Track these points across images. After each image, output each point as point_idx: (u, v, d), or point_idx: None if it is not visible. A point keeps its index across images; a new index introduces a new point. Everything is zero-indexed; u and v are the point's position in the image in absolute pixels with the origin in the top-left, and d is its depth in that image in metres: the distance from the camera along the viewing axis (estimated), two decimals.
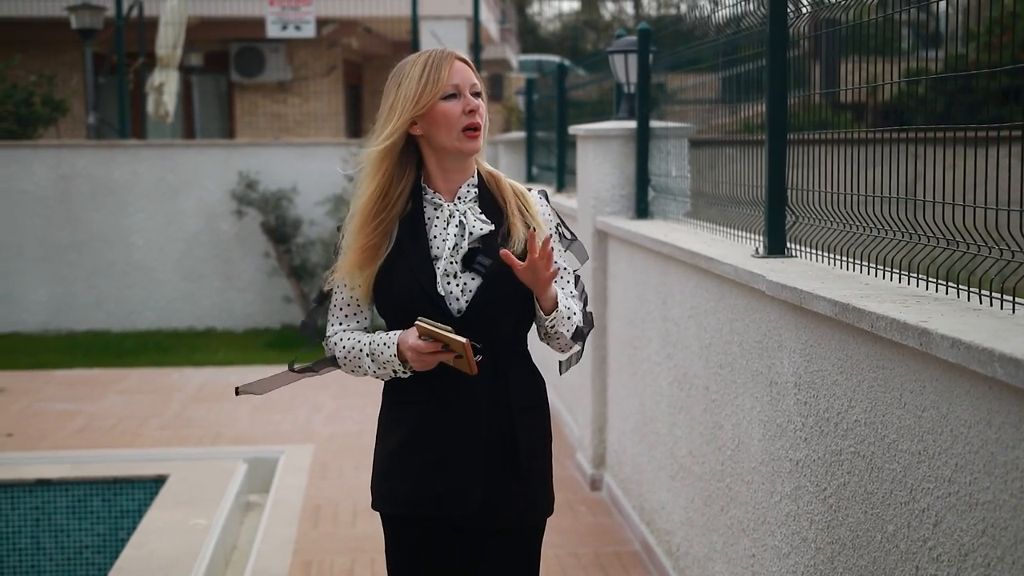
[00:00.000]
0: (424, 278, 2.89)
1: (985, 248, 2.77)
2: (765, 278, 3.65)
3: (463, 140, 2.90)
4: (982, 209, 2.82)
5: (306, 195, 12.25)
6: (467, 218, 2.93)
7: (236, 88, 19.11)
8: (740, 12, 4.92)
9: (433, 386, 2.91)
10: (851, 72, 4.11)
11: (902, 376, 2.78)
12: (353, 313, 3.03)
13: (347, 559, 5.62)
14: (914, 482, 2.73)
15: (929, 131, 3.26)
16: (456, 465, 2.90)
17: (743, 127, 6.86)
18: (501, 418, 2.92)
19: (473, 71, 2.96)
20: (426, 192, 2.96)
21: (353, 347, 2.98)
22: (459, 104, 2.89)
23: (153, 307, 12.39)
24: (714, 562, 4.47)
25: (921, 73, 4.23)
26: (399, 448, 2.95)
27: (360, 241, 2.89)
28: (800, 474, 3.49)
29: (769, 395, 3.77)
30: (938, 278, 3.05)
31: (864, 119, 4.92)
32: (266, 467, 7.24)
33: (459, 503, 2.91)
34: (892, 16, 3.80)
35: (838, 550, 3.21)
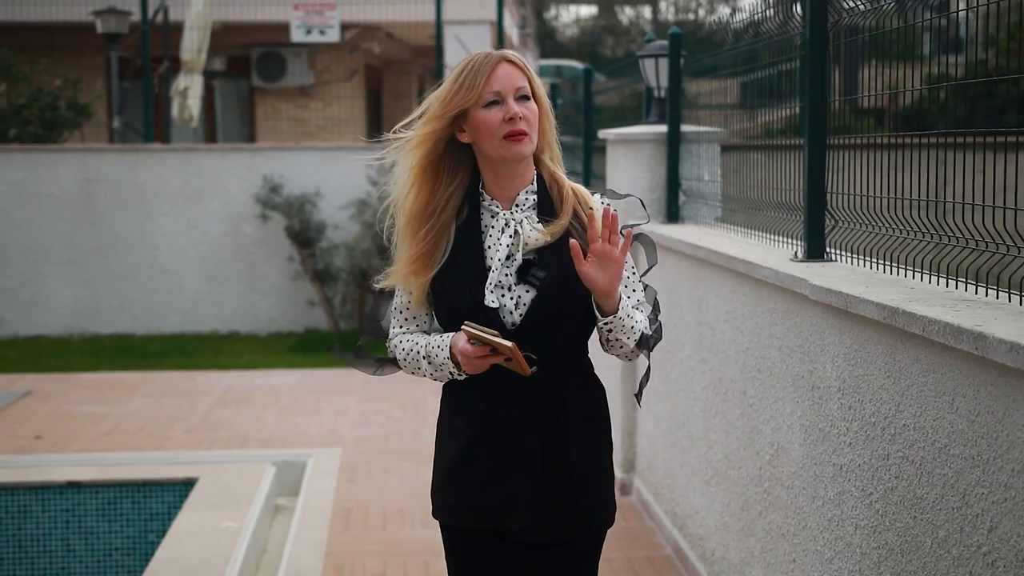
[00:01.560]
0: (476, 289, 2.83)
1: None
2: (808, 282, 3.64)
3: (506, 146, 2.82)
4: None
5: (330, 199, 12.26)
6: (523, 227, 2.86)
7: (258, 92, 19.15)
8: (782, 15, 4.90)
9: (489, 394, 2.86)
10: (872, 78, 4.11)
11: (954, 380, 2.77)
12: (413, 317, 2.99)
13: (379, 562, 5.62)
14: (967, 487, 2.72)
15: (969, 135, 3.25)
16: (509, 477, 2.86)
17: (763, 132, 6.87)
18: (558, 429, 2.86)
19: (523, 71, 2.86)
20: (483, 199, 2.90)
21: (411, 349, 2.95)
22: (500, 111, 2.81)
23: (177, 311, 12.42)
24: (751, 567, 4.45)
25: (942, 78, 4.23)
26: (456, 457, 2.91)
27: (411, 250, 2.85)
28: (844, 479, 3.48)
29: (811, 399, 3.76)
30: (988, 283, 3.03)
31: (885, 124, 4.90)
32: (294, 470, 7.24)
33: (511, 515, 2.87)
34: (913, 22, 3.81)
35: (885, 555, 3.19)
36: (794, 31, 4.77)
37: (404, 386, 9.73)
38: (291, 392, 9.54)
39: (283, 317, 12.49)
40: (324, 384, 9.86)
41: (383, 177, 12.99)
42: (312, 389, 9.65)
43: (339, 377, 10.16)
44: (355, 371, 9.93)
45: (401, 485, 6.91)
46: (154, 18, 13.99)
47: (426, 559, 5.64)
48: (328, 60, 19.08)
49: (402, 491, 6.78)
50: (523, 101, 2.83)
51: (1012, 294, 2.90)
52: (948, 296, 3.11)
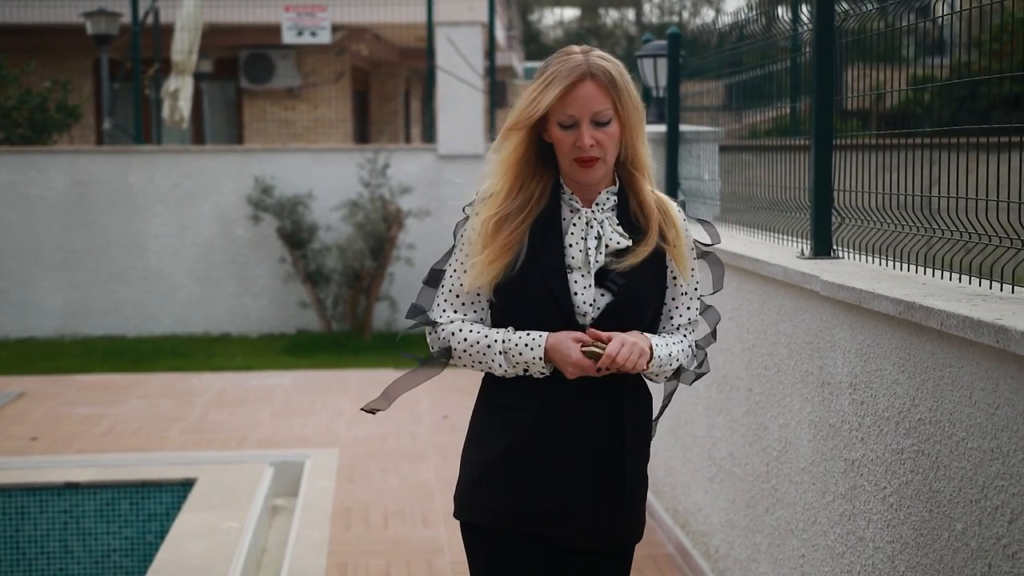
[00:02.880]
0: (557, 288, 2.75)
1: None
2: (819, 278, 3.66)
3: (575, 169, 2.75)
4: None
5: (322, 200, 12.26)
6: (604, 229, 2.78)
7: (245, 94, 19.13)
8: (790, 15, 4.94)
9: (547, 395, 2.78)
10: (856, 79, 4.17)
11: (972, 374, 2.79)
12: (471, 302, 2.84)
13: (382, 561, 5.63)
14: (986, 479, 2.74)
15: (961, 134, 3.30)
16: (567, 483, 2.78)
17: (761, 132, 6.93)
18: (614, 437, 2.80)
19: (607, 90, 2.71)
20: (564, 191, 2.81)
21: (480, 340, 2.79)
22: (572, 136, 2.71)
23: (169, 312, 12.40)
24: (758, 563, 4.48)
25: (926, 79, 4.29)
26: (498, 458, 2.80)
27: (499, 240, 2.73)
28: (856, 473, 3.50)
29: (821, 395, 3.78)
30: (1002, 279, 3.06)
31: (870, 125, 4.96)
32: (292, 471, 7.24)
33: (564, 522, 2.80)
34: (897, 25, 3.87)
35: (899, 549, 3.21)
36: (793, 32, 4.81)
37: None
38: (286, 393, 9.54)
39: (275, 319, 12.48)
40: (318, 385, 9.86)
41: (375, 179, 12.94)
42: (306, 390, 9.65)
43: (333, 378, 10.16)
44: (349, 372, 9.82)
45: (400, 485, 6.92)
46: (144, 19, 13.96)
47: (429, 558, 5.65)
48: (315, 62, 19.08)
49: (402, 491, 6.79)
50: (600, 126, 2.72)
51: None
52: (962, 291, 3.14)
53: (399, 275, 12.22)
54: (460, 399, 9.17)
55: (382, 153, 12.22)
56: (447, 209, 12.42)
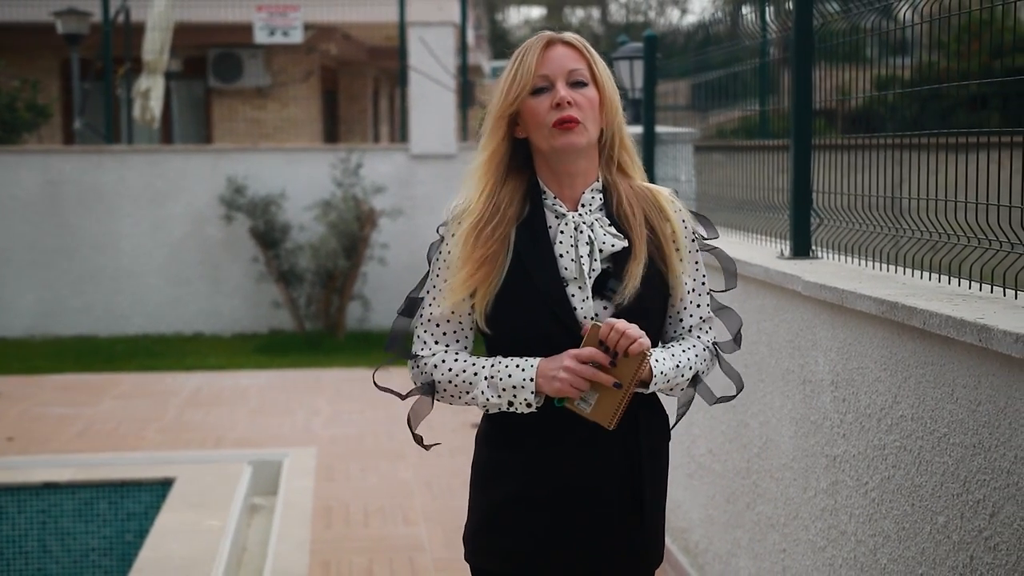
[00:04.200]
0: (557, 305, 2.51)
1: (1012, 247, 2.89)
2: (801, 278, 3.74)
3: (555, 136, 2.51)
4: (994, 207, 2.94)
5: (295, 200, 12.28)
6: (595, 232, 2.55)
7: (214, 94, 19.10)
8: (774, 16, 5.03)
9: (549, 430, 2.54)
10: (821, 80, 4.26)
11: (954, 371, 2.87)
12: (453, 331, 2.61)
13: (365, 559, 5.68)
14: (968, 474, 2.82)
15: (942, 136, 3.39)
16: (582, 520, 2.56)
17: (716, 133, 7.05)
18: (631, 465, 2.57)
19: (581, 53, 2.56)
20: (545, 196, 2.58)
21: (464, 369, 2.56)
22: (548, 98, 2.51)
23: (141, 312, 12.39)
24: (738, 558, 4.56)
25: (890, 80, 4.41)
26: (512, 497, 2.58)
27: (479, 251, 2.51)
28: (838, 469, 3.59)
29: (802, 393, 3.87)
30: (981, 279, 3.15)
31: (835, 125, 5.05)
32: (270, 470, 7.27)
33: (580, 561, 2.59)
34: (866, 26, 3.97)
35: (881, 542, 3.30)
36: (763, 35, 4.91)
37: (374, 387, 9.78)
38: (261, 392, 9.56)
39: (247, 318, 12.48)
40: (293, 385, 9.89)
41: (348, 179, 12.93)
42: (281, 389, 9.68)
43: (308, 378, 10.19)
44: (323, 371, 9.87)
45: (379, 483, 6.97)
46: (115, 18, 13.93)
47: (411, 555, 5.71)
48: (285, 61, 19.07)
49: (381, 489, 6.84)
50: (578, 87, 2.53)
51: (1007, 289, 3.02)
52: (942, 291, 3.22)
53: (372, 275, 12.26)
54: None
55: (355, 153, 12.25)
56: (420, 209, 12.47)
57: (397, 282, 12.44)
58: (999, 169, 3.12)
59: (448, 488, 6.79)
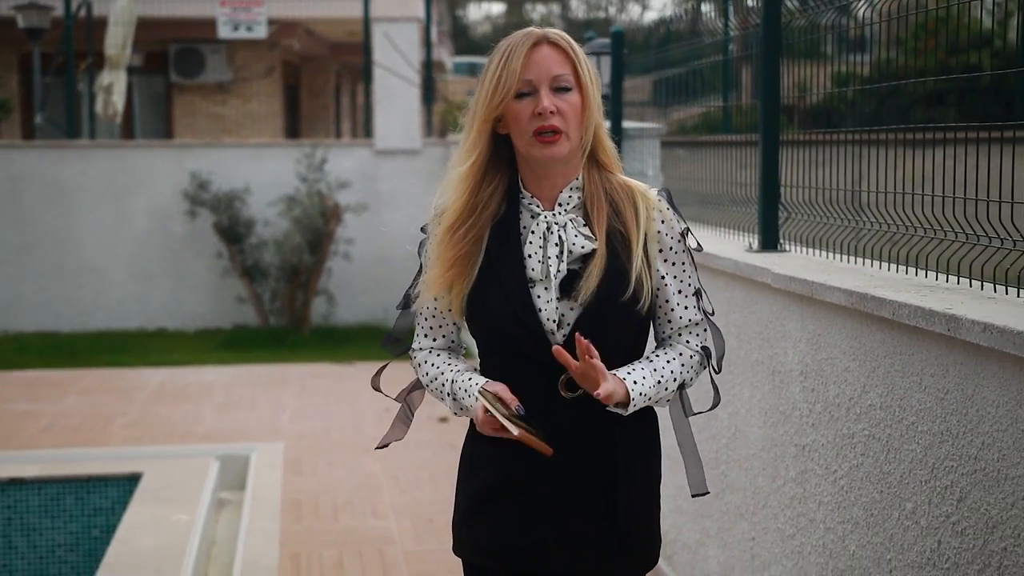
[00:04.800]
0: (519, 305, 2.50)
1: (967, 238, 2.96)
2: (771, 271, 3.80)
3: (535, 146, 2.48)
4: (969, 201, 3.01)
5: (259, 195, 12.26)
6: (567, 232, 2.52)
7: (175, 89, 19.02)
8: (722, 17, 5.09)
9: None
10: (785, 75, 4.33)
11: (922, 361, 2.94)
12: (439, 326, 2.68)
13: (335, 551, 5.70)
14: (936, 461, 2.89)
15: (911, 131, 3.47)
16: (555, 516, 2.56)
17: (678, 129, 7.12)
18: (604, 464, 2.55)
19: (567, 55, 2.50)
20: (523, 196, 2.57)
21: (437, 378, 2.65)
22: (530, 104, 2.47)
23: (104, 308, 12.33)
24: (707, 547, 4.62)
25: (849, 76, 4.49)
26: (484, 492, 2.61)
27: (450, 251, 2.53)
28: (807, 458, 3.65)
29: (771, 384, 3.93)
30: (947, 270, 3.22)
31: (794, 121, 5.12)
32: (237, 464, 7.27)
33: (552, 559, 2.58)
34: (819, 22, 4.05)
35: (850, 529, 3.36)
36: (725, 33, 4.98)
37: (340, 381, 9.81)
38: (226, 387, 9.55)
39: (211, 314, 12.45)
40: (258, 379, 9.89)
41: (312, 174, 12.88)
42: (247, 384, 9.67)
43: (273, 372, 10.19)
44: (289, 366, 9.85)
45: (347, 477, 6.99)
46: (77, 13, 13.85)
47: (381, 547, 5.73)
48: (247, 56, 19.02)
49: (349, 482, 6.86)
50: (562, 93, 2.48)
51: (973, 280, 3.09)
52: (909, 282, 3.29)
53: (337, 270, 12.26)
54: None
55: (319, 148, 12.25)
56: (385, 204, 12.48)
57: (362, 277, 12.45)
58: (955, 164, 3.19)
59: (416, 481, 6.83)
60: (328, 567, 5.51)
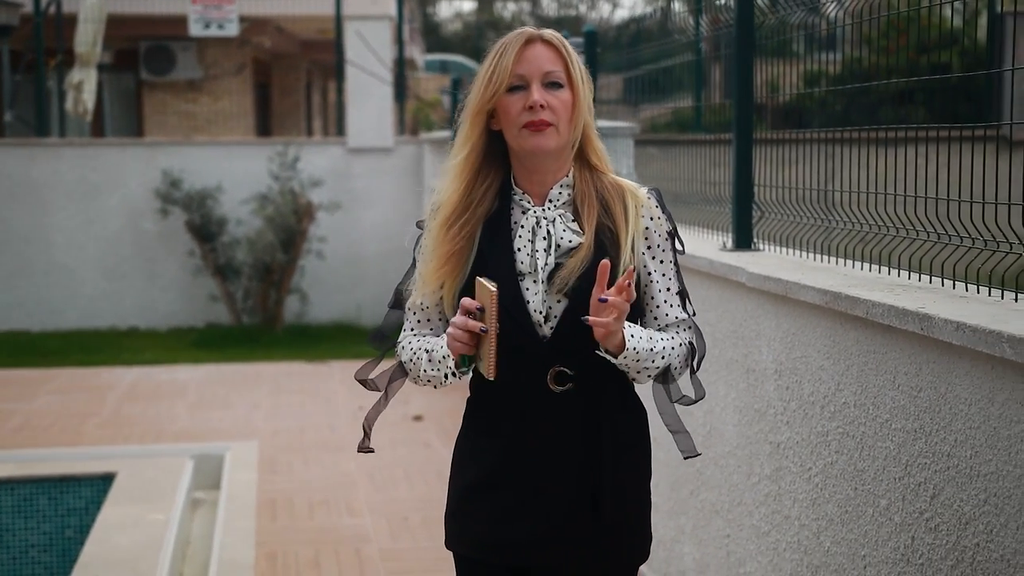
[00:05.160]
0: (508, 298, 2.54)
1: (939, 237, 3.00)
2: (745, 270, 3.84)
3: (524, 137, 2.54)
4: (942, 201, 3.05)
5: (231, 194, 12.23)
6: (555, 227, 2.59)
7: (145, 86, 18.94)
8: (693, 18, 5.12)
9: (519, 418, 2.60)
10: (756, 73, 4.37)
11: (896, 359, 2.98)
12: (427, 319, 2.72)
13: (311, 550, 5.71)
14: (909, 458, 2.93)
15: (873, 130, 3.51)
16: (535, 510, 2.60)
17: (649, 127, 7.16)
18: (591, 457, 2.59)
19: (559, 53, 2.56)
20: (515, 192, 2.64)
21: (417, 348, 2.68)
22: (522, 98, 2.53)
23: (75, 306, 12.28)
24: (682, 544, 4.65)
25: (819, 75, 4.53)
26: (474, 485, 2.66)
27: (444, 247, 2.59)
28: (781, 455, 3.69)
29: (746, 382, 3.96)
30: (920, 270, 3.27)
31: (765, 120, 5.17)
32: (212, 463, 7.27)
33: (540, 552, 2.63)
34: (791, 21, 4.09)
35: (824, 525, 3.40)
36: (696, 32, 5.02)
37: (314, 380, 9.81)
38: (199, 387, 9.54)
39: (183, 312, 12.42)
40: (231, 378, 9.87)
41: (285, 172, 12.85)
42: (220, 383, 9.66)
43: (246, 371, 10.18)
44: (262, 365, 9.83)
45: (322, 475, 6.99)
46: (47, 10, 13.78)
47: (357, 546, 5.75)
48: (217, 54, 18.95)
49: (324, 481, 6.87)
50: (552, 88, 2.54)
51: (945, 279, 3.13)
52: (882, 281, 3.33)
53: (310, 268, 12.25)
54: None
55: (292, 146, 12.23)
56: (358, 202, 12.48)
57: (335, 276, 12.44)
58: (927, 163, 3.23)
59: (391, 479, 6.84)
60: (304, 565, 5.52)
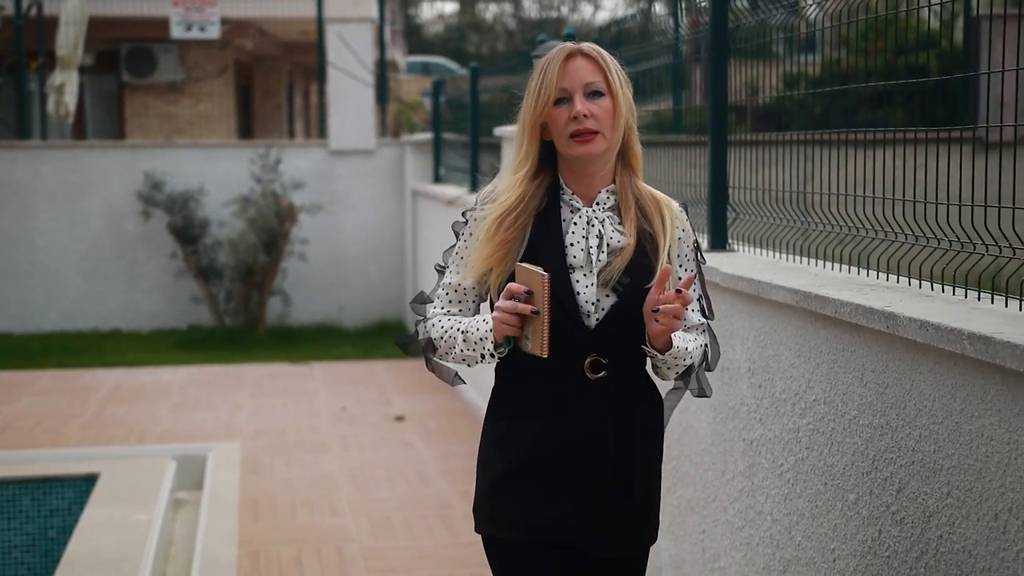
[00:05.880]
0: (560, 287, 2.72)
1: (917, 239, 3.08)
2: (719, 270, 3.91)
3: (572, 146, 2.73)
4: (911, 203, 3.13)
5: (213, 196, 12.27)
6: (605, 227, 2.79)
7: (127, 88, 18.94)
8: (672, 21, 5.19)
9: (553, 402, 2.76)
10: (733, 76, 4.44)
11: (863, 357, 3.05)
12: (459, 300, 2.88)
13: (293, 548, 5.77)
14: (876, 453, 3.00)
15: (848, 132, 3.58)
16: (579, 490, 2.77)
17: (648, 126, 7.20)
18: (623, 440, 2.78)
19: (599, 65, 2.76)
20: (563, 192, 2.82)
21: (451, 327, 2.82)
22: (566, 109, 2.72)
23: (57, 308, 12.30)
24: (659, 541, 4.71)
25: (799, 77, 4.60)
26: (514, 468, 2.80)
27: (498, 237, 2.76)
28: (754, 452, 3.76)
29: (720, 380, 4.03)
30: (888, 270, 3.34)
31: (745, 122, 5.23)
32: (195, 464, 7.31)
33: (578, 529, 2.79)
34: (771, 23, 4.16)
35: (796, 520, 3.47)
36: (676, 35, 5.08)
37: (296, 381, 9.85)
38: (182, 388, 9.58)
39: (165, 314, 12.45)
40: (214, 380, 9.91)
41: (267, 174, 12.88)
42: (203, 384, 9.70)
43: (228, 373, 10.22)
44: (244, 367, 9.88)
45: (304, 475, 7.05)
46: (28, 12, 13.79)
47: (338, 545, 5.80)
48: (199, 56, 18.96)
49: (306, 481, 6.92)
50: (594, 98, 2.74)
51: (912, 279, 3.21)
52: (851, 281, 3.41)
53: (292, 270, 12.30)
54: (357, 391, 9.31)
55: (274, 148, 12.27)
56: (340, 204, 12.53)
57: (317, 277, 12.49)
58: (904, 165, 3.30)
59: (373, 479, 6.90)
60: (286, 564, 5.58)
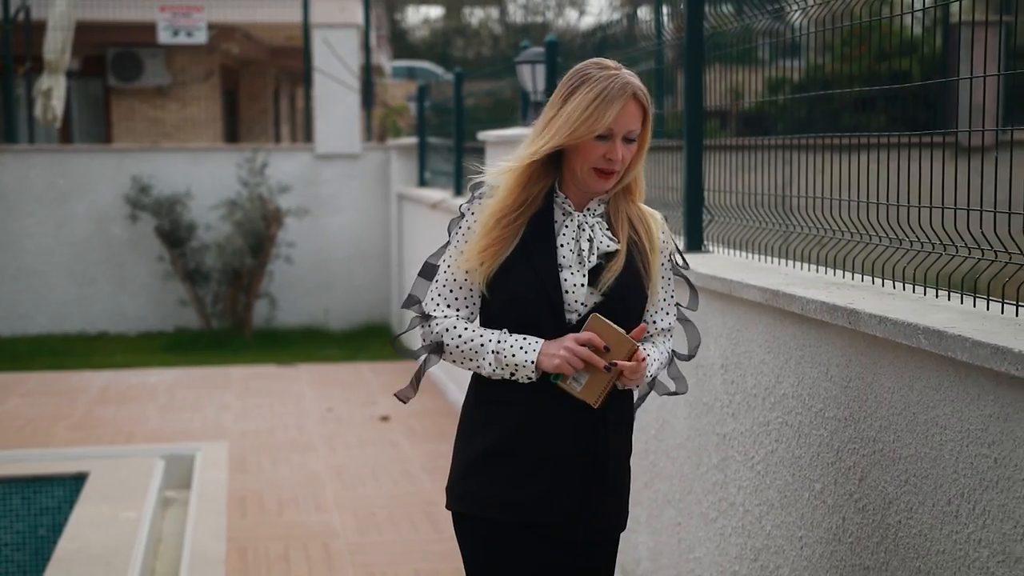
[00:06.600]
0: (549, 284, 2.86)
1: (900, 242, 3.21)
2: (694, 271, 4.03)
3: (591, 177, 2.86)
4: (874, 205, 3.27)
5: (200, 199, 12.38)
6: (595, 232, 2.92)
7: (113, 93, 19.02)
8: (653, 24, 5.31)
9: (534, 389, 2.86)
10: (715, 81, 4.56)
11: (828, 352, 3.19)
12: (464, 297, 2.95)
13: (281, 544, 5.88)
14: (840, 444, 3.14)
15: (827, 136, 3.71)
16: (550, 473, 2.88)
17: None
18: (597, 431, 2.90)
19: (644, 111, 2.88)
20: (557, 195, 2.94)
21: (473, 339, 2.89)
22: (604, 147, 2.82)
23: (44, 311, 12.39)
24: (638, 534, 4.85)
25: (781, 81, 4.71)
26: (491, 449, 2.91)
27: (494, 233, 2.87)
28: (727, 446, 3.89)
29: (695, 377, 4.17)
30: (853, 269, 3.48)
31: (729, 126, 5.33)
32: (183, 464, 7.41)
33: (549, 511, 2.89)
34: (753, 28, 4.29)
35: (766, 510, 3.61)
36: (658, 39, 5.22)
37: (283, 382, 9.96)
38: (169, 389, 9.68)
39: (153, 317, 12.55)
40: (201, 381, 10.02)
41: (253, 178, 12.99)
42: (190, 386, 9.80)
43: (216, 374, 10.32)
44: (231, 368, 9.96)
45: (291, 474, 7.16)
46: (15, 17, 13.88)
47: (325, 540, 5.92)
48: (185, 61, 19.05)
49: (293, 479, 7.04)
50: (628, 143, 2.86)
51: (876, 277, 3.35)
52: (819, 280, 3.55)
53: (279, 273, 12.41)
54: (343, 393, 9.43)
55: (260, 152, 12.39)
56: (326, 207, 12.65)
57: (303, 280, 12.60)
58: (888, 169, 3.42)
59: (359, 477, 7.02)
60: (274, 559, 5.70)
